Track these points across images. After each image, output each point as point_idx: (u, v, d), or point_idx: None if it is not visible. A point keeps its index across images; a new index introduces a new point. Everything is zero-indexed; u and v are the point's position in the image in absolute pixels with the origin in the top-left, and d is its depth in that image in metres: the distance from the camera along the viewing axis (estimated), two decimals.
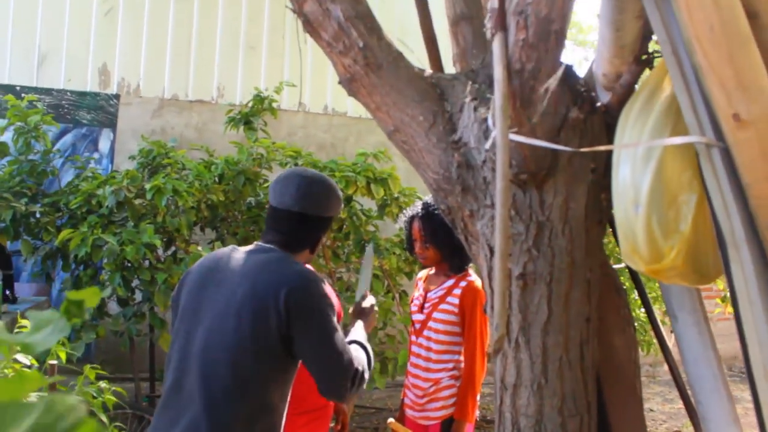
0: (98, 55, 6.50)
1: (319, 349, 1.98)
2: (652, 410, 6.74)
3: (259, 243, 2.16)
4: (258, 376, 1.94)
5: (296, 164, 4.85)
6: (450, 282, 3.08)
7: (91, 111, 6.45)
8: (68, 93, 6.40)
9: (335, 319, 2.03)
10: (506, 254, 1.42)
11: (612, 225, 1.80)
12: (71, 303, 0.61)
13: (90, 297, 0.62)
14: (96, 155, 6.37)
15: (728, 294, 1.34)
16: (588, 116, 1.61)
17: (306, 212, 2.13)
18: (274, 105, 5.26)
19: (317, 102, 7.10)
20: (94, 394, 2.90)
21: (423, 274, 3.34)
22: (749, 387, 1.24)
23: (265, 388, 1.97)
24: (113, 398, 2.98)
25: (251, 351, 1.92)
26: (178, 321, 2.08)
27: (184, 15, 6.70)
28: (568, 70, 1.66)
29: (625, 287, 3.21)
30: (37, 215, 4.61)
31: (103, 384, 2.97)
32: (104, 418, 2.89)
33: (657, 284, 4.33)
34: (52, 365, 2.72)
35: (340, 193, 2.28)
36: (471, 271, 3.14)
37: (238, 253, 2.12)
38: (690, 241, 1.37)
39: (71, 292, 0.61)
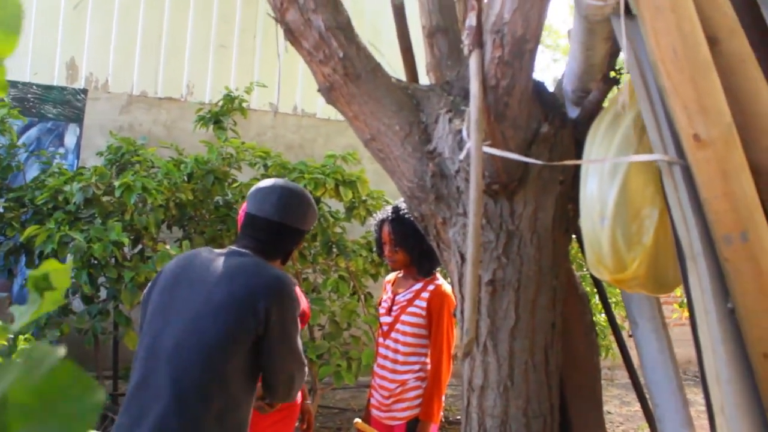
0: (66, 48, 6.40)
1: (283, 352, 2.06)
2: (609, 413, 6.88)
3: (233, 247, 2.20)
4: (230, 374, 1.98)
5: (265, 165, 4.86)
6: (418, 285, 3.14)
7: (57, 105, 6.35)
8: (34, 86, 6.29)
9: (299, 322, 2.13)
10: (477, 261, 1.48)
11: (578, 235, 1.87)
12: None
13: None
14: (62, 150, 6.27)
15: (685, 300, 1.42)
16: (558, 131, 1.69)
17: (285, 223, 2.19)
18: (244, 105, 5.27)
19: (287, 102, 7.11)
20: None
21: (391, 277, 3.39)
22: (702, 391, 1.32)
23: (236, 385, 2.01)
24: None
25: (227, 350, 1.96)
26: (148, 319, 2.10)
27: (154, 11, 6.65)
28: (540, 85, 1.73)
29: (588, 293, 3.30)
30: (1, 210, 4.56)
31: None
32: None
33: (618, 290, 4.44)
34: None
35: (316, 207, 2.35)
36: (438, 275, 3.20)
37: (213, 255, 2.16)
38: (652, 253, 1.45)
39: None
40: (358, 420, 3.10)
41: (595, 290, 2.33)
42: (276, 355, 2.05)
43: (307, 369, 2.16)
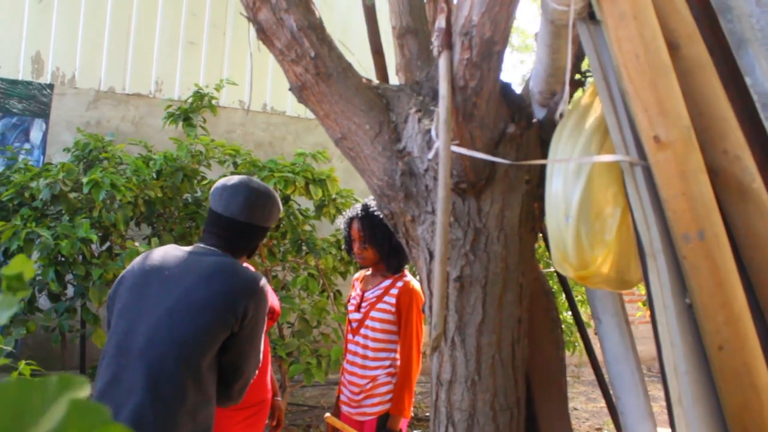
0: (31, 42, 6.30)
1: (248, 350, 2.12)
2: (576, 409, 6.99)
3: (200, 245, 2.23)
4: (203, 371, 2.01)
5: (235, 162, 4.86)
6: (387, 282, 3.17)
7: (22, 100, 6.26)
8: None
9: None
10: (445, 258, 1.51)
11: (544, 233, 1.92)
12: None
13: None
14: (27, 146, 6.19)
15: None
16: (524, 131, 1.73)
17: (251, 222, 2.22)
18: (214, 102, 5.26)
19: (257, 100, 7.09)
20: None
21: (360, 274, 3.42)
22: (662, 383, 1.37)
23: (208, 381, 2.04)
24: None
25: (203, 347, 1.99)
26: (117, 317, 2.10)
27: (123, 5, 6.57)
28: (507, 87, 1.77)
29: (554, 290, 3.36)
30: None
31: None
32: None
33: (583, 288, 4.53)
34: None
35: (281, 203, 2.38)
36: (407, 271, 3.24)
37: (183, 253, 2.17)
38: (614, 251, 1.49)
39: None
40: (328, 415, 3.12)
41: (562, 288, 2.38)
42: (241, 353, 2.10)
43: (258, 369, 2.23)
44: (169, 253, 2.18)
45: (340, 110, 1.84)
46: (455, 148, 1.57)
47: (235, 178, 2.33)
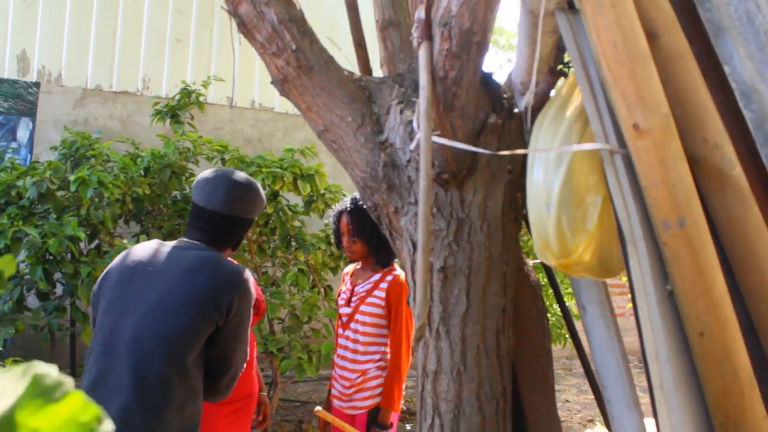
0: (17, 40, 6.27)
1: (234, 344, 2.11)
2: (568, 401, 7.02)
3: (184, 239, 2.22)
4: (190, 366, 2.00)
5: (223, 159, 4.84)
6: (376, 276, 3.18)
7: (8, 99, 6.22)
8: None
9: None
10: (428, 249, 1.51)
11: (527, 222, 1.92)
12: None
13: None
14: (14, 145, 6.16)
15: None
16: (506, 121, 1.73)
17: (234, 215, 2.21)
18: (201, 99, 5.24)
19: (245, 96, 7.07)
20: None
21: (350, 269, 3.42)
22: (644, 368, 1.38)
23: (194, 376, 2.03)
24: None
25: (189, 343, 1.98)
26: (102, 314, 2.09)
27: (109, 3, 6.54)
28: (488, 77, 1.78)
29: (543, 284, 3.37)
30: None
31: None
32: None
33: (569, 281, 4.53)
34: None
35: (264, 194, 2.36)
36: (396, 265, 3.24)
37: (166, 248, 2.16)
38: (596, 239, 1.50)
39: None
40: (318, 408, 3.12)
41: (549, 281, 2.39)
42: (228, 347, 2.09)
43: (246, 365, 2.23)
44: (153, 248, 2.17)
45: (323, 103, 1.84)
46: (436, 139, 1.57)
47: (216, 171, 2.31)
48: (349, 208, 3.17)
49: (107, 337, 2.02)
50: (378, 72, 2.28)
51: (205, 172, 2.30)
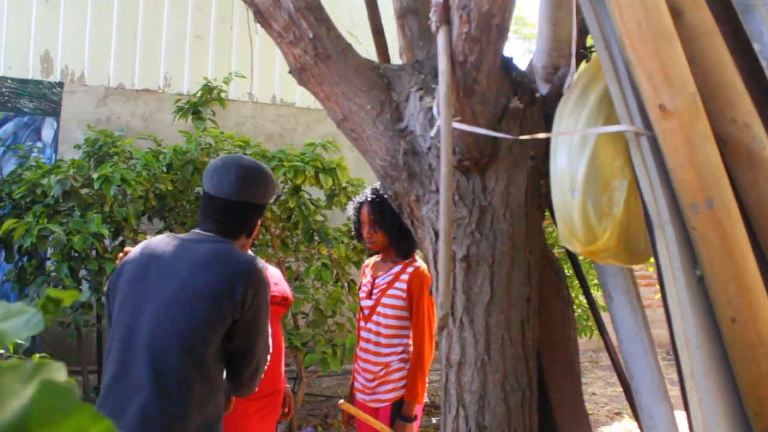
0: (40, 41, 6.34)
1: (254, 336, 2.08)
2: (594, 394, 6.95)
3: (197, 230, 2.19)
4: (208, 361, 1.99)
5: (245, 154, 4.85)
6: (397, 268, 3.15)
7: (33, 99, 6.29)
8: (9, 80, 6.22)
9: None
10: (450, 237, 1.49)
11: (551, 209, 1.88)
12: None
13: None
14: (39, 144, 6.22)
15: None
16: (528, 106, 1.70)
17: (245, 201, 2.18)
18: (222, 95, 5.25)
19: (265, 92, 7.08)
20: None
21: (370, 261, 3.40)
22: (673, 357, 1.34)
23: (213, 372, 2.02)
24: None
25: (205, 338, 1.97)
26: (118, 311, 2.08)
27: (129, 2, 6.59)
28: (509, 62, 1.74)
29: (568, 275, 3.32)
30: None
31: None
32: None
33: (596, 272, 4.48)
34: None
35: (275, 178, 2.33)
36: (417, 257, 3.22)
37: (179, 241, 2.14)
38: (622, 224, 1.46)
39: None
40: (342, 401, 3.12)
41: (574, 271, 2.34)
42: (248, 339, 2.06)
43: (272, 358, 2.21)
44: (166, 242, 2.14)
45: (341, 91, 1.82)
46: (457, 125, 1.55)
47: (225, 158, 2.28)
48: (370, 199, 3.15)
49: (125, 334, 2.02)
50: (397, 61, 2.25)
51: (215, 160, 2.27)
